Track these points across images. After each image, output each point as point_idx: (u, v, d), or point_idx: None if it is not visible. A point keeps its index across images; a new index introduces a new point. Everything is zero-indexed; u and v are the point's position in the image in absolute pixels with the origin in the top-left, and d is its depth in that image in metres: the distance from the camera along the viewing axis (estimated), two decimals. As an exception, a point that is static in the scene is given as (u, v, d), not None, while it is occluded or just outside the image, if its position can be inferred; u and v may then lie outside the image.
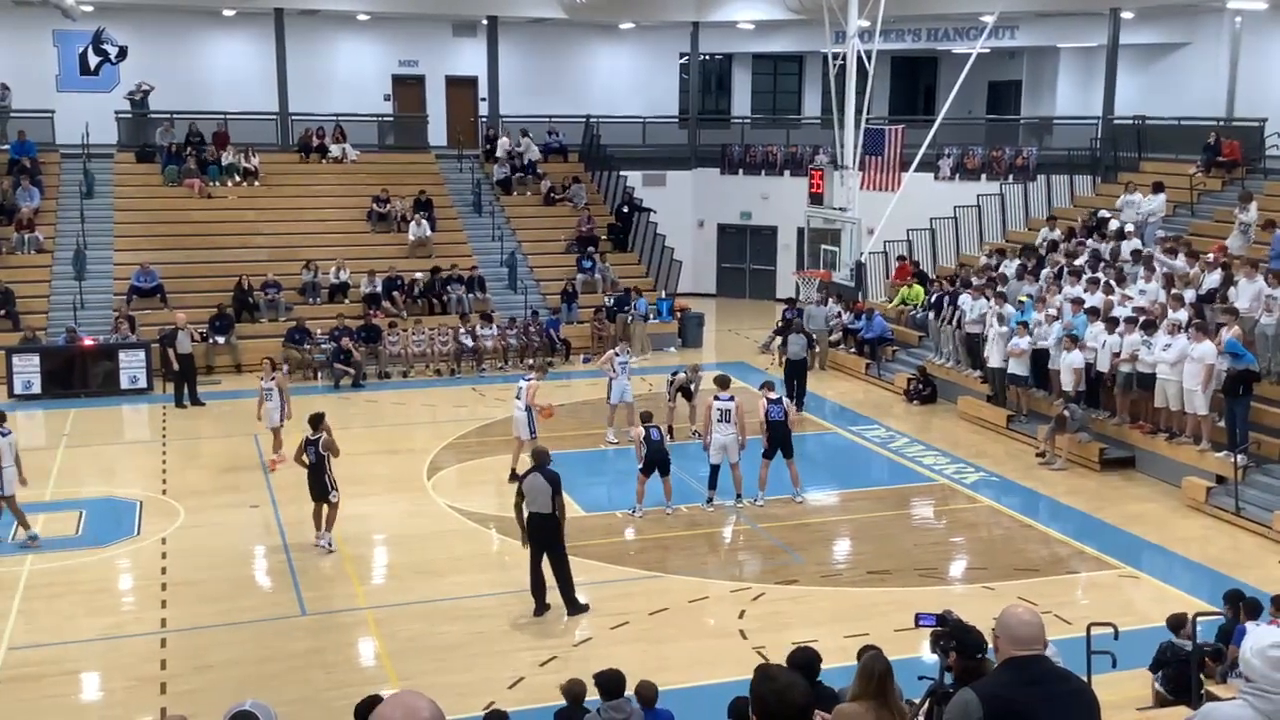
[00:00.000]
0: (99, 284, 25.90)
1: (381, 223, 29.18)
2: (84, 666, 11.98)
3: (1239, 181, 24.39)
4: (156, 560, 14.61)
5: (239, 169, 29.66)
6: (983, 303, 21.68)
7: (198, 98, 31.13)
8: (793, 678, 4.22)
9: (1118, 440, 18.57)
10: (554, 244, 29.99)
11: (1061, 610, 12.55)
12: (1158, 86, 30.42)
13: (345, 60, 33.89)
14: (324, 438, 14.75)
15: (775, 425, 16.38)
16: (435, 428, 21.04)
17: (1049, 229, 25.73)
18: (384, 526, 16.06)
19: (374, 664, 12.05)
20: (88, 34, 31.46)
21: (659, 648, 12.10)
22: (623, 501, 16.55)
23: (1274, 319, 17.26)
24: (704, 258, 34.83)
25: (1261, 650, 4.00)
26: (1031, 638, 4.63)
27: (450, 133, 34.16)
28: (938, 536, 16.07)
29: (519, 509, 12.79)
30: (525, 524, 12.78)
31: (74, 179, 28.27)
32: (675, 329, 28.10)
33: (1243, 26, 28.27)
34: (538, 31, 34.78)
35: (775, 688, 4.07)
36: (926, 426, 21.29)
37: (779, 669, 4.58)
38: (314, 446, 14.73)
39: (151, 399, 22.82)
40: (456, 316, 26.28)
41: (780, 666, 5.55)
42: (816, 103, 37.09)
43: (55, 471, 18.17)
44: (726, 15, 34.30)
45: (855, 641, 9.54)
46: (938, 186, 30.03)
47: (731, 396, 16.33)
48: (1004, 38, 31.53)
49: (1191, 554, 15.00)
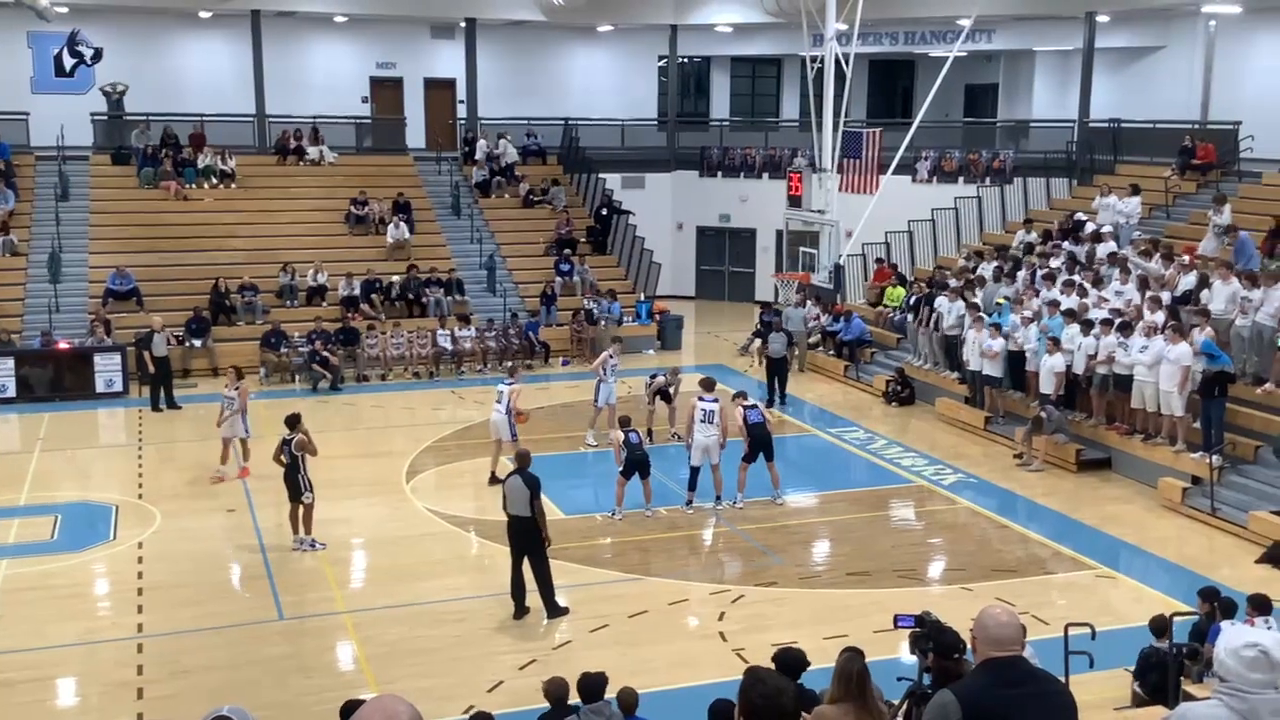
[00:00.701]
0: (74, 287, 25.71)
1: (359, 225, 29.08)
2: (59, 672, 11.88)
3: (1214, 184, 24.58)
4: (132, 565, 14.51)
5: (215, 171, 29.50)
6: (960, 304, 21.77)
7: (174, 100, 30.96)
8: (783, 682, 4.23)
9: (1094, 441, 18.67)
10: (533, 246, 29.95)
11: (1039, 611, 12.61)
12: (1133, 90, 30.64)
13: (323, 62, 33.77)
14: (298, 438, 14.75)
15: (755, 428, 16.35)
16: (414, 431, 20.97)
17: (1025, 232, 25.87)
18: (362, 530, 15.99)
19: (352, 668, 11.99)
20: (62, 35, 31.22)
21: (639, 650, 12.09)
22: (603, 504, 16.54)
23: (1249, 320, 17.40)
24: (683, 260, 34.84)
25: (1236, 650, 4.02)
26: (1009, 639, 4.64)
27: (429, 135, 34.08)
28: (916, 538, 16.12)
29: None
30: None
31: (49, 181, 28.06)
32: (654, 331, 28.10)
33: (1217, 30, 28.49)
34: (516, 33, 34.74)
35: (765, 691, 4.07)
36: (905, 428, 21.35)
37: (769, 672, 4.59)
38: (289, 446, 14.76)
39: (127, 402, 22.67)
40: (435, 319, 26.22)
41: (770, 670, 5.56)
42: (795, 105, 37.19)
43: (30, 476, 18.03)
44: (705, 18, 34.34)
45: (835, 643, 9.55)
46: (915, 189, 30.13)
47: (715, 398, 16.39)
48: (981, 41, 31.71)
49: (1168, 554, 15.08)
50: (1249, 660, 3.99)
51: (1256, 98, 26.53)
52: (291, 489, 14.81)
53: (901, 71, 38.61)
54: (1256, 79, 27.42)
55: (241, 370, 18.66)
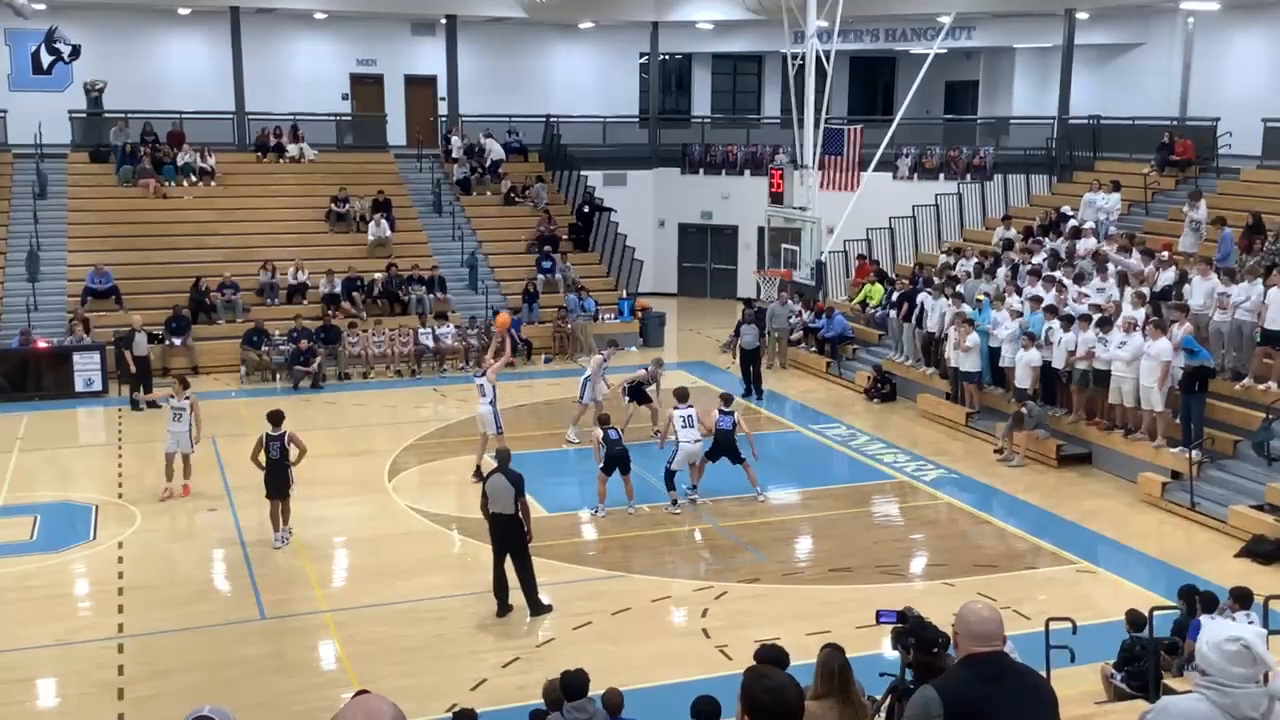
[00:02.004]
0: (53, 285, 25.54)
1: (340, 223, 28.98)
2: (39, 673, 11.81)
3: (1192, 180, 24.70)
4: (113, 565, 14.43)
5: (195, 169, 29.35)
6: (943, 301, 21.83)
7: (152, 97, 30.80)
8: (786, 678, 4.23)
9: (1074, 437, 18.74)
10: (514, 244, 29.90)
11: (1020, 605, 12.66)
12: (1112, 86, 30.79)
13: (303, 59, 33.64)
14: (287, 432, 14.83)
15: (720, 433, 16.58)
16: (396, 429, 20.92)
17: (1004, 228, 25.96)
18: (344, 528, 15.94)
19: (335, 667, 11.95)
20: (40, 32, 31.02)
21: (622, 648, 12.09)
22: (586, 501, 16.54)
23: (1228, 316, 17.50)
24: (665, 257, 34.85)
25: (1218, 644, 4.04)
26: (990, 634, 4.67)
27: (409, 132, 33.99)
28: (898, 534, 16.17)
29: (485, 509, 12.81)
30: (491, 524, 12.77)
31: (27, 179, 27.85)
32: (636, 328, 28.10)
33: (1195, 27, 28.65)
34: (497, 31, 34.67)
35: (769, 686, 4.06)
36: (886, 424, 21.40)
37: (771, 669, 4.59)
38: (278, 442, 14.74)
39: (107, 401, 22.55)
40: (416, 317, 26.15)
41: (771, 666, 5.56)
42: (776, 102, 37.25)
43: (9, 476, 17.92)
44: (686, 15, 34.34)
45: (817, 639, 9.54)
46: (896, 186, 30.22)
47: (691, 405, 16.68)
48: (961, 38, 31.80)
49: (1148, 549, 15.16)
50: (1231, 654, 4.01)
51: (1235, 94, 26.69)
52: (280, 484, 14.77)
53: (882, 69, 38.69)
54: (1235, 76, 27.59)
55: (187, 379, 18.11)
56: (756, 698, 4.01)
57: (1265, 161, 24.23)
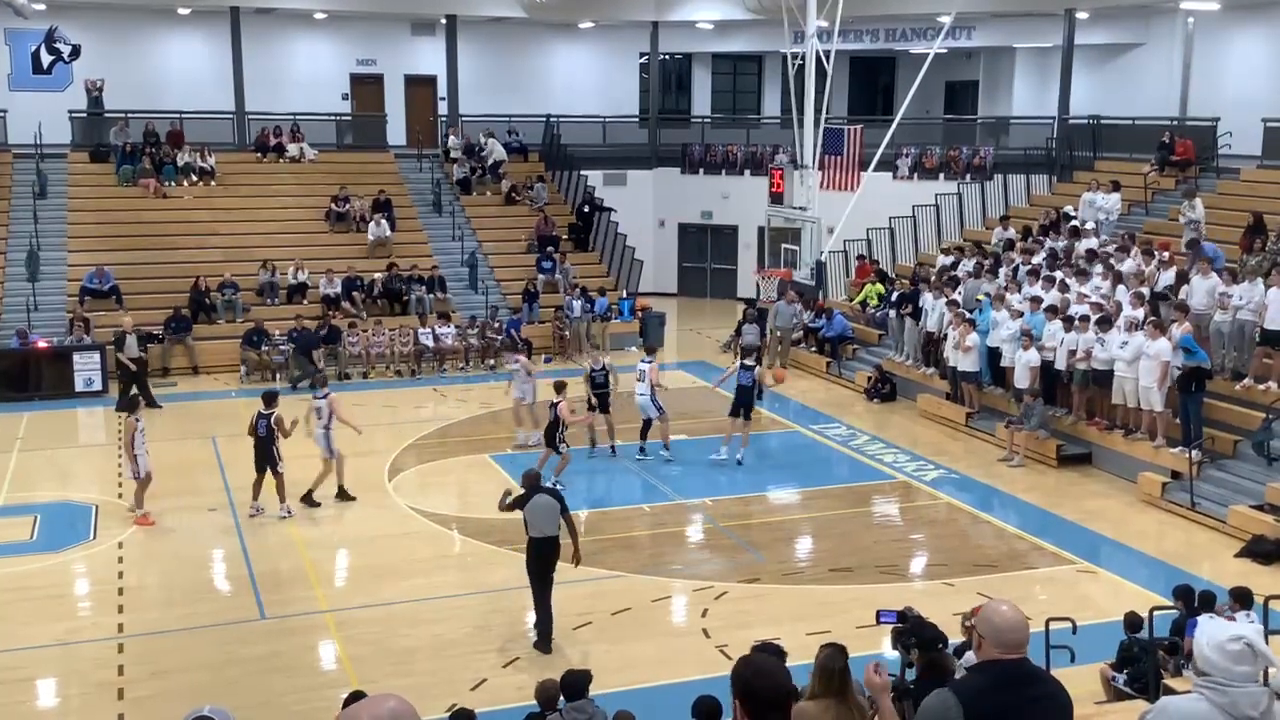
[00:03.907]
0: (53, 285, 25.54)
1: (340, 223, 28.97)
2: (39, 673, 11.80)
3: (1192, 179, 24.70)
4: (113, 565, 14.43)
5: (195, 169, 29.33)
6: (943, 301, 21.82)
7: (152, 97, 30.78)
8: (775, 662, 4.22)
9: (1075, 437, 18.74)
10: (514, 244, 29.89)
11: (1020, 605, 12.55)
12: (1112, 86, 30.77)
13: (302, 59, 33.62)
14: (277, 413, 15.73)
15: (741, 390, 18.01)
16: (396, 429, 20.90)
17: (1003, 228, 25.95)
18: (344, 529, 15.94)
19: (335, 668, 11.95)
20: (40, 32, 31.01)
21: (622, 647, 12.09)
22: (592, 501, 16.54)
23: (1229, 316, 17.49)
24: (665, 257, 34.83)
25: (1219, 644, 4.03)
26: (1018, 643, 4.56)
27: (409, 132, 33.97)
28: (898, 533, 16.17)
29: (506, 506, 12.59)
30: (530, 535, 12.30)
31: (27, 179, 27.83)
32: (636, 328, 28.08)
33: (1195, 27, 28.63)
34: (497, 30, 34.66)
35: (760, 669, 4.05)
36: (886, 424, 21.40)
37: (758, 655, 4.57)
38: (265, 420, 15.65)
39: (107, 401, 22.52)
40: (416, 317, 26.14)
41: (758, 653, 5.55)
42: (776, 102, 37.23)
43: (9, 476, 17.91)
44: (686, 15, 34.33)
45: (817, 639, 9.54)
46: (896, 186, 30.21)
47: (649, 360, 18.56)
48: (961, 38, 31.77)
49: (1147, 549, 15.16)
50: (1234, 654, 3.99)
51: (1235, 94, 26.67)
52: (262, 460, 15.75)
53: (882, 68, 38.67)
54: (1235, 75, 27.56)
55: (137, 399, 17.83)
56: (748, 683, 4.00)
57: (1265, 161, 24.22)
